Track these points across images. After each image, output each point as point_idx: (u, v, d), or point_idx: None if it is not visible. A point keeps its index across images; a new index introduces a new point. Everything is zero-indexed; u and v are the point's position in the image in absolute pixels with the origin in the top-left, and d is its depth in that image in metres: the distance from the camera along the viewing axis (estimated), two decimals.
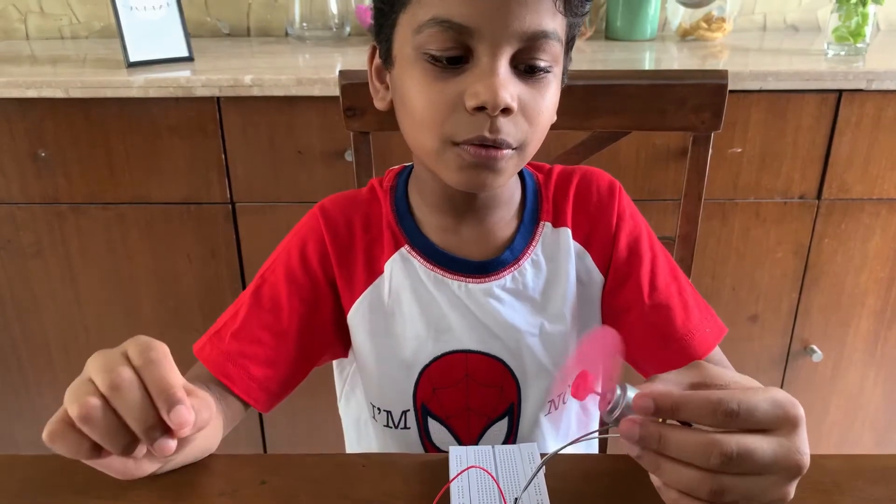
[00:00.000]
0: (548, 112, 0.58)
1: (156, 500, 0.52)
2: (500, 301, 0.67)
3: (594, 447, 0.84)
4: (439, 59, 0.54)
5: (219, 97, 1.25)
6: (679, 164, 1.28)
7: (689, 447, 0.39)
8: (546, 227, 0.69)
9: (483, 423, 0.71)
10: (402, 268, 0.67)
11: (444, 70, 0.55)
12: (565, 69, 0.61)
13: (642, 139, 1.27)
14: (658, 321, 0.68)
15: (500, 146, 0.55)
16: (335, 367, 0.79)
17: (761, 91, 1.23)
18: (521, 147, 0.57)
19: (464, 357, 0.68)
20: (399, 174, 0.71)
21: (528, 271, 0.67)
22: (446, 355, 0.68)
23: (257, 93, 1.22)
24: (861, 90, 1.23)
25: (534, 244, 0.68)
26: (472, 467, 0.53)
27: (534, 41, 0.54)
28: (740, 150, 1.28)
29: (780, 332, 1.44)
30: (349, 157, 1.27)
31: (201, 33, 1.74)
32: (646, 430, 0.40)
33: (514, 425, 0.71)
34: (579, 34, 0.64)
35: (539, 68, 0.55)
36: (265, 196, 1.32)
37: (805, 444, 0.41)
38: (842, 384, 1.48)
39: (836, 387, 1.48)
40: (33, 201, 1.34)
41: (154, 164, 1.30)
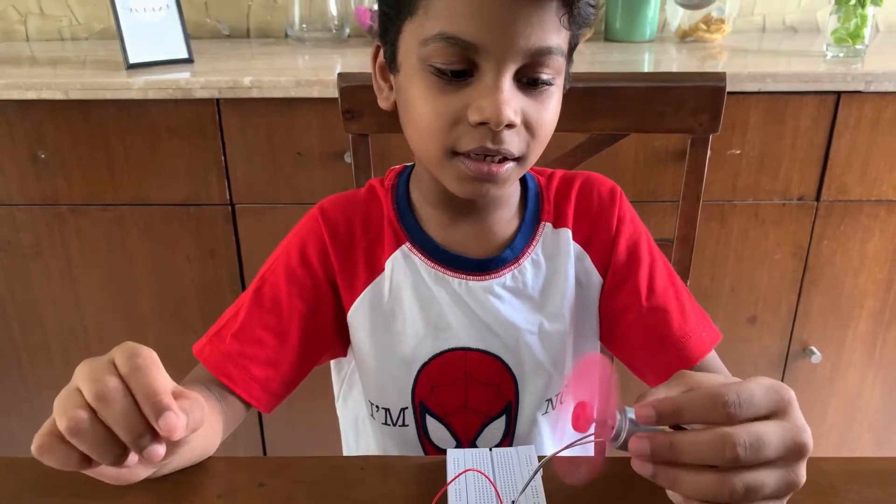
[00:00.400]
0: (550, 123, 0.59)
1: (154, 503, 0.52)
2: (500, 299, 0.67)
3: (591, 450, 0.84)
4: (444, 73, 0.55)
5: (218, 99, 1.25)
6: (678, 166, 1.28)
7: (702, 446, 0.39)
8: (547, 228, 0.69)
9: (481, 421, 0.71)
10: (403, 265, 0.67)
11: (448, 83, 0.55)
12: (567, 75, 0.62)
13: (641, 141, 1.27)
14: (655, 323, 0.68)
15: (502, 158, 0.57)
16: (333, 366, 0.79)
17: (760, 93, 1.23)
18: (522, 157, 0.59)
19: (462, 355, 0.68)
20: (400, 173, 0.72)
21: (528, 270, 0.68)
22: (445, 353, 0.68)
23: (257, 94, 1.22)
24: (860, 92, 1.23)
25: (534, 244, 0.68)
26: (470, 470, 0.53)
27: (538, 57, 0.55)
28: (739, 151, 1.28)
29: (779, 333, 1.44)
30: (348, 158, 1.27)
31: (201, 35, 1.74)
32: (655, 441, 0.40)
33: (511, 424, 0.72)
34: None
35: (542, 81, 0.56)
36: (264, 197, 1.33)
37: (803, 421, 0.41)
38: (841, 385, 1.48)
39: (834, 388, 1.49)
40: (33, 202, 1.34)
41: (154, 166, 1.30)
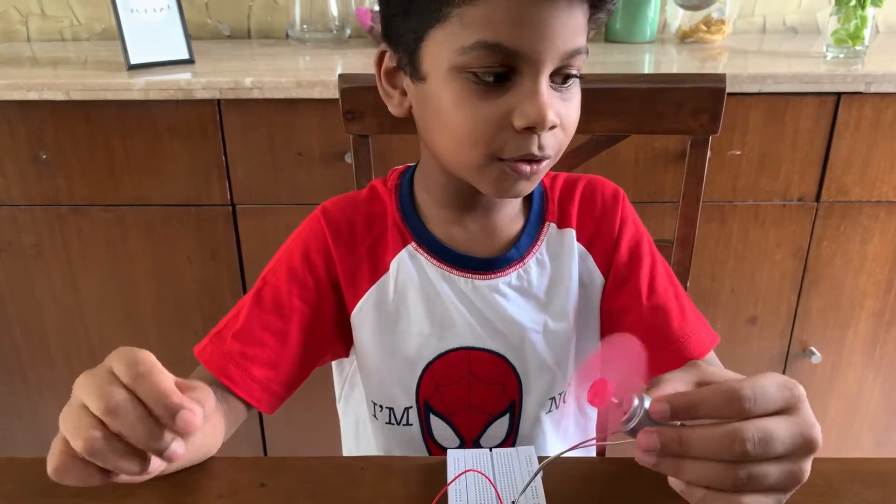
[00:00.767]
0: (576, 120, 0.60)
1: (155, 503, 0.52)
2: (506, 298, 0.67)
3: (592, 450, 0.84)
4: (483, 79, 0.55)
5: (219, 99, 1.25)
6: (678, 167, 1.28)
7: (711, 442, 0.40)
8: (551, 228, 0.70)
9: (484, 420, 0.72)
10: (408, 264, 0.68)
11: (486, 89, 0.55)
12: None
13: (641, 142, 1.27)
14: (655, 323, 0.69)
15: (542, 159, 0.58)
16: (334, 367, 0.79)
17: (760, 93, 1.23)
18: (555, 155, 0.60)
19: (467, 354, 0.69)
20: (403, 173, 0.72)
21: (533, 270, 0.68)
22: (450, 352, 0.69)
23: (257, 95, 1.23)
24: (860, 93, 1.23)
25: (539, 243, 0.69)
26: (470, 471, 0.53)
27: (570, 59, 0.56)
28: (739, 152, 1.28)
29: (779, 333, 1.44)
30: (349, 159, 1.27)
31: (202, 35, 1.75)
32: (665, 436, 0.41)
33: (515, 423, 0.72)
34: None
35: (571, 76, 0.57)
36: (265, 198, 1.33)
37: (813, 417, 0.42)
38: (841, 386, 1.49)
39: (834, 388, 1.49)
40: (34, 203, 1.34)
41: (154, 166, 1.31)
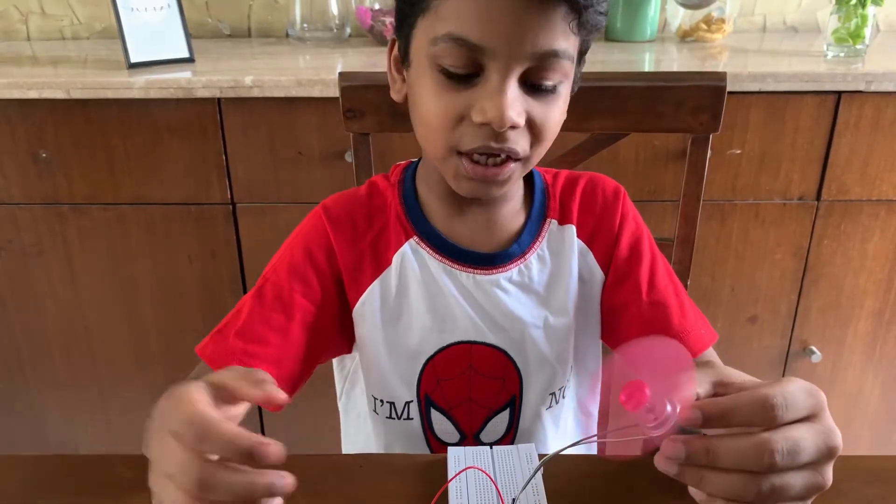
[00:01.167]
0: (555, 126, 0.60)
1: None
2: (507, 293, 0.68)
3: (593, 448, 0.84)
4: (451, 73, 0.56)
5: (219, 98, 1.25)
6: (678, 166, 1.28)
7: (739, 453, 0.39)
8: (552, 224, 0.70)
9: (485, 414, 0.72)
10: (411, 259, 0.68)
11: (455, 82, 0.56)
12: (576, 77, 0.62)
13: (641, 140, 1.27)
14: (655, 318, 0.69)
15: (505, 158, 0.57)
16: (335, 364, 0.79)
17: (760, 92, 1.23)
18: (526, 157, 0.59)
19: (468, 348, 0.69)
20: (406, 169, 0.72)
21: (534, 265, 0.69)
22: (451, 346, 0.69)
23: (258, 94, 1.23)
24: (860, 92, 1.23)
25: (540, 239, 0.69)
26: (470, 468, 0.53)
27: (544, 60, 0.55)
28: (739, 151, 1.28)
29: (780, 333, 1.44)
30: (349, 157, 1.27)
31: (202, 34, 1.75)
32: (691, 446, 0.39)
33: (515, 418, 0.72)
34: None
35: (545, 88, 0.57)
36: (265, 197, 1.33)
37: (833, 423, 0.41)
38: (841, 385, 1.49)
39: (834, 387, 1.49)
40: (34, 202, 1.34)
41: (154, 165, 1.31)
